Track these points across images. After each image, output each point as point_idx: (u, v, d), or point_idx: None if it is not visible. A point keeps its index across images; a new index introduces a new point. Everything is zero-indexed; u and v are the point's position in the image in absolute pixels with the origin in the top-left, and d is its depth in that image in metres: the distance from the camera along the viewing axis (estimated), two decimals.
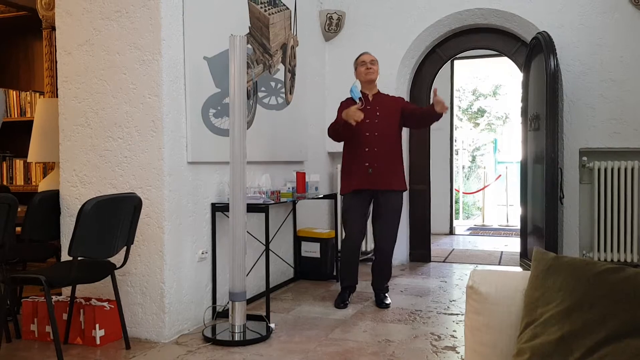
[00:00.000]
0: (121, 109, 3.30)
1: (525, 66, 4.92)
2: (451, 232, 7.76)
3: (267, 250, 3.69)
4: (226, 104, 3.65)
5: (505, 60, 5.91)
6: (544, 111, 4.42)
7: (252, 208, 3.51)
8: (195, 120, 3.48)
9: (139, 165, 3.27)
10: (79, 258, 2.82)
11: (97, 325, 3.13)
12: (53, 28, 3.99)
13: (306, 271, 4.85)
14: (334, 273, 4.79)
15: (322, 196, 4.65)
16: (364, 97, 3.90)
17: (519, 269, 4.95)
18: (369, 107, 3.88)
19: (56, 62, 3.51)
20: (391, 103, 3.98)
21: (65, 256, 3.18)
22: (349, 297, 4.03)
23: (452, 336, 3.31)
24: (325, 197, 4.74)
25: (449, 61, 6.61)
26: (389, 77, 5.31)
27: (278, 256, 4.55)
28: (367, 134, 3.83)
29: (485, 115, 12.54)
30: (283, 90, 4.60)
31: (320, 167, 5.30)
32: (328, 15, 5.43)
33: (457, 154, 9.55)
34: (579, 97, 4.80)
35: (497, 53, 5.74)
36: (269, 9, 4.34)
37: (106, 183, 3.34)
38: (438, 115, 3.78)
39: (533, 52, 4.73)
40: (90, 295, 3.38)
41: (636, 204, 4.67)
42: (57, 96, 3.53)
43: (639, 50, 4.68)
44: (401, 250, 5.31)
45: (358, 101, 3.84)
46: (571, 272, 1.34)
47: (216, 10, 3.69)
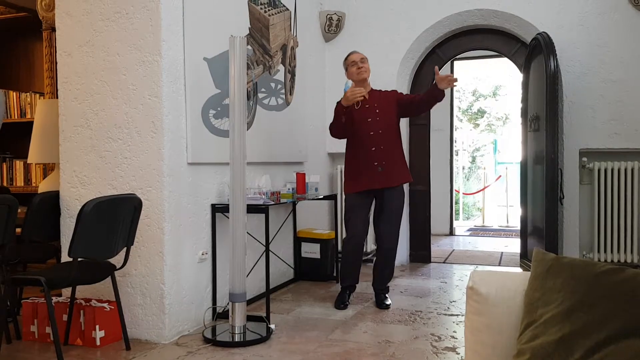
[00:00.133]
0: (121, 110, 3.30)
1: (525, 67, 4.92)
2: (451, 233, 7.75)
3: (267, 251, 3.69)
4: (226, 105, 3.65)
5: (505, 61, 5.91)
6: (544, 112, 4.42)
7: (252, 209, 3.51)
8: (195, 121, 3.48)
9: (139, 166, 3.28)
10: (79, 259, 2.82)
11: (97, 326, 3.13)
12: (53, 29, 4.00)
13: (306, 272, 4.85)
14: (334, 274, 4.79)
15: (322, 197, 4.65)
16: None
17: (519, 270, 4.95)
18: (368, 106, 3.88)
19: (56, 63, 3.51)
20: (387, 97, 3.97)
21: (65, 257, 3.18)
22: (349, 298, 4.03)
23: (453, 337, 3.31)
24: (325, 198, 4.75)
25: (449, 62, 6.61)
26: (389, 78, 5.31)
27: (278, 257, 4.55)
28: (372, 133, 3.83)
29: (485, 116, 12.54)
30: (283, 91, 4.60)
31: (320, 168, 5.30)
32: (328, 16, 5.43)
33: (457, 155, 9.56)
34: (579, 98, 4.80)
35: (497, 54, 5.74)
36: (269, 10, 4.34)
37: (106, 184, 3.35)
38: (441, 94, 3.75)
39: (533, 53, 4.73)
40: (90, 296, 3.38)
41: (636, 205, 4.67)
42: (57, 97, 3.53)
43: (639, 50, 4.68)
44: (401, 251, 5.31)
45: (357, 103, 3.85)
46: (571, 273, 1.34)
47: (216, 11, 3.69)
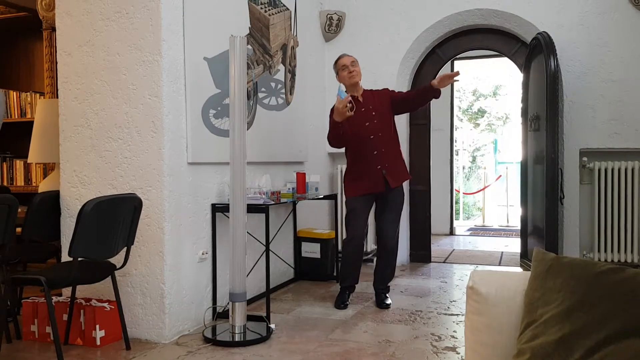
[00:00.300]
0: (121, 110, 3.30)
1: (525, 66, 4.92)
2: (451, 233, 7.75)
3: (267, 250, 3.69)
4: (226, 105, 3.65)
5: (505, 60, 5.91)
6: (544, 111, 4.42)
7: (252, 208, 3.51)
8: (195, 120, 3.48)
9: (139, 165, 3.28)
10: (79, 259, 2.82)
11: (98, 326, 3.13)
12: (53, 29, 4.00)
13: (306, 272, 4.85)
14: (334, 273, 4.79)
15: (322, 197, 4.65)
16: (355, 100, 3.88)
17: (519, 270, 4.95)
18: (364, 109, 3.87)
19: (56, 63, 3.51)
20: (380, 98, 3.96)
21: (65, 257, 3.18)
22: (349, 298, 4.03)
23: (453, 336, 3.31)
24: (325, 198, 4.74)
25: (449, 62, 6.60)
26: (389, 78, 5.31)
27: (278, 257, 4.55)
28: (372, 137, 3.83)
29: (485, 115, 12.54)
30: (283, 90, 4.60)
31: (320, 168, 5.30)
32: (328, 15, 5.43)
33: (458, 155, 9.56)
34: (579, 98, 4.80)
35: (497, 53, 5.74)
36: (269, 10, 4.34)
37: (106, 184, 3.35)
38: (437, 92, 3.78)
39: (533, 53, 4.73)
40: (90, 295, 3.38)
41: (636, 205, 4.66)
42: (57, 97, 3.53)
43: (639, 50, 4.68)
44: (401, 250, 5.30)
45: (348, 104, 3.85)
46: (571, 273, 1.34)
47: (216, 11, 3.69)
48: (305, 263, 4.85)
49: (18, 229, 3.26)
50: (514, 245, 6.39)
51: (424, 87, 3.89)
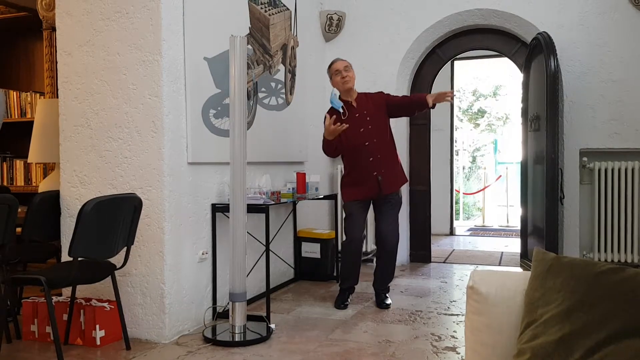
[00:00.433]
0: (121, 110, 3.30)
1: (525, 67, 4.92)
2: (451, 233, 7.75)
3: (268, 250, 3.69)
4: (226, 105, 3.65)
5: (505, 60, 5.91)
6: (544, 112, 4.42)
7: (253, 208, 3.51)
8: (195, 120, 3.48)
9: (139, 165, 3.28)
10: (79, 258, 2.82)
11: (98, 325, 3.13)
12: (53, 29, 4.00)
13: (306, 272, 4.85)
14: (335, 273, 4.79)
15: (323, 197, 4.65)
16: (348, 105, 3.88)
17: (520, 270, 4.95)
18: (358, 115, 3.87)
19: (56, 63, 3.51)
20: (375, 102, 3.94)
21: (65, 257, 3.18)
22: (349, 298, 4.03)
23: (453, 337, 3.31)
24: (325, 198, 4.74)
25: (449, 62, 6.61)
26: (389, 78, 5.32)
27: (278, 257, 4.55)
28: (367, 143, 3.83)
29: (485, 115, 12.53)
30: (283, 90, 4.60)
31: (320, 168, 5.30)
32: (328, 15, 5.43)
33: (458, 155, 9.56)
34: (579, 98, 4.80)
35: (497, 54, 5.74)
36: (269, 10, 4.34)
37: (106, 183, 3.35)
38: (427, 106, 3.78)
39: (533, 53, 4.73)
40: (90, 295, 3.38)
41: (636, 205, 4.66)
42: (58, 97, 3.53)
43: (639, 50, 4.68)
44: (401, 251, 5.30)
45: (340, 110, 3.85)
46: (571, 273, 1.34)
47: (216, 10, 3.69)
48: (305, 263, 4.85)
49: (18, 229, 3.26)
50: (514, 245, 6.39)
51: (418, 99, 3.87)
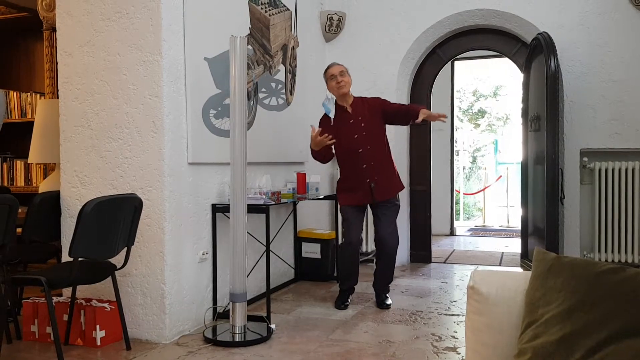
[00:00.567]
0: (122, 110, 3.30)
1: (525, 67, 4.92)
2: (452, 233, 7.75)
3: (268, 251, 3.68)
4: (227, 105, 3.65)
5: (505, 60, 5.91)
6: (545, 112, 4.42)
7: (253, 209, 3.51)
8: (195, 121, 3.48)
9: (140, 166, 3.27)
10: (80, 259, 2.82)
11: (98, 326, 3.13)
12: (54, 29, 4.00)
13: (307, 272, 4.84)
14: (335, 274, 4.79)
15: (323, 197, 4.65)
16: (343, 111, 3.89)
17: (520, 270, 4.95)
18: (352, 121, 3.86)
19: (57, 63, 3.51)
20: (371, 108, 3.91)
21: (65, 257, 3.18)
22: (349, 298, 4.03)
23: (453, 337, 3.30)
24: (325, 198, 4.74)
25: (450, 62, 6.61)
26: (390, 78, 5.32)
27: (279, 257, 4.55)
28: (360, 150, 3.82)
29: (485, 116, 12.53)
30: (283, 91, 4.60)
31: (320, 168, 5.29)
32: (328, 16, 5.43)
33: (458, 155, 9.55)
34: (580, 98, 4.80)
35: (498, 54, 5.74)
36: (270, 10, 4.34)
37: (107, 184, 3.34)
38: (415, 118, 3.75)
39: (533, 53, 4.73)
40: (90, 296, 3.38)
41: (637, 205, 4.66)
42: (58, 97, 3.53)
43: (639, 50, 4.68)
44: (402, 251, 5.30)
45: (331, 115, 3.86)
46: (572, 273, 1.33)
47: (217, 11, 3.69)
48: (305, 263, 4.85)
49: (18, 229, 3.26)
50: (515, 245, 6.38)
51: (413, 110, 3.82)
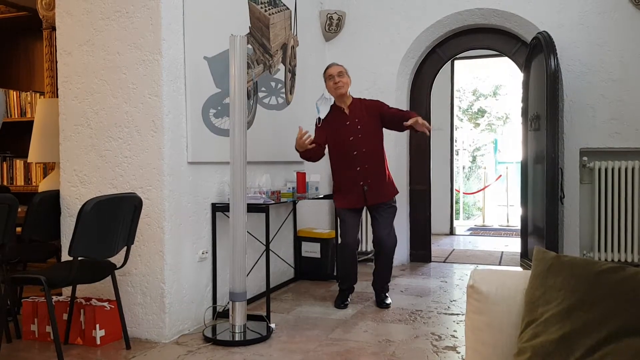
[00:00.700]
0: (121, 109, 3.30)
1: (525, 66, 4.92)
2: (451, 233, 7.75)
3: (268, 250, 3.68)
4: (226, 104, 3.65)
5: (505, 60, 5.91)
6: (545, 111, 4.42)
7: (253, 208, 3.51)
8: (195, 120, 3.48)
9: (139, 165, 3.27)
10: (79, 258, 2.82)
11: (98, 325, 3.13)
12: (53, 28, 3.99)
13: (306, 271, 4.84)
14: (334, 273, 4.79)
15: (323, 196, 4.65)
16: (340, 112, 3.89)
17: (520, 269, 4.95)
18: (348, 123, 3.85)
19: (56, 62, 3.51)
20: (369, 110, 3.90)
21: (65, 256, 3.17)
22: (349, 297, 4.03)
23: (453, 336, 3.31)
24: (325, 197, 4.73)
25: (449, 61, 6.61)
26: (390, 77, 5.32)
27: (278, 256, 4.55)
28: (355, 153, 3.82)
29: (485, 115, 12.53)
30: (283, 90, 4.60)
31: (320, 168, 5.29)
32: (328, 15, 5.43)
33: (458, 154, 9.55)
34: (579, 97, 4.80)
35: (498, 53, 5.74)
36: (269, 9, 4.34)
37: (106, 183, 3.34)
38: (402, 127, 3.75)
39: (533, 52, 4.73)
40: (90, 295, 3.38)
41: (637, 204, 4.66)
42: (57, 96, 3.53)
43: (639, 50, 4.68)
44: (401, 250, 5.30)
45: (320, 116, 3.88)
46: (572, 272, 1.33)
47: (216, 10, 3.69)
48: (305, 263, 4.85)
49: (18, 229, 3.26)
50: (514, 245, 6.39)
51: (408, 116, 3.78)
